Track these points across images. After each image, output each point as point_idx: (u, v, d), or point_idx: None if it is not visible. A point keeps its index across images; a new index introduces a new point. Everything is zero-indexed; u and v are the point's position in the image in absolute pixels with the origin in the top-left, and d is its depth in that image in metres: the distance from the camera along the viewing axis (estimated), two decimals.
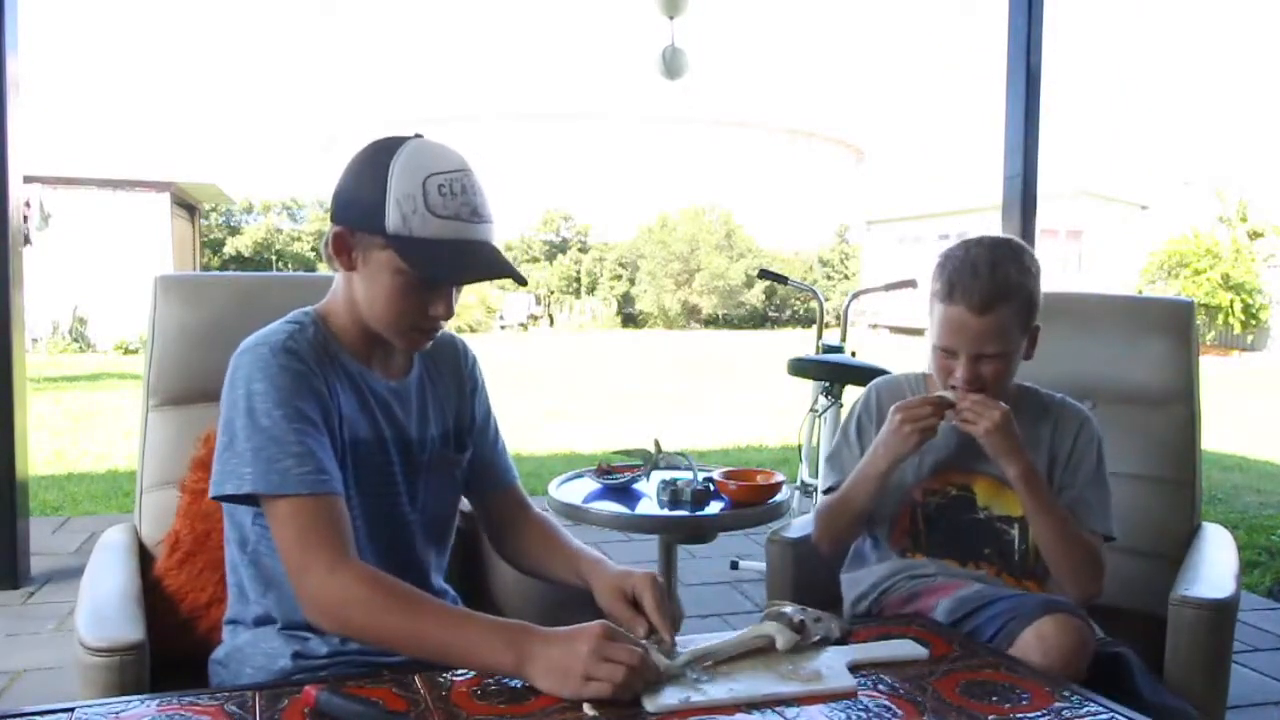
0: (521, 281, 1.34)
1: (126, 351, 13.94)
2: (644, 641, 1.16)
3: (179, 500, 1.65)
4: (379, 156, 1.25)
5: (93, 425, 7.47)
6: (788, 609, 1.24)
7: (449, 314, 1.32)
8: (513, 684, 1.10)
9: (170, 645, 1.48)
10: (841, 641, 1.25)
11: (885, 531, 1.71)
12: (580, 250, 25.67)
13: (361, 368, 1.35)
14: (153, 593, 1.57)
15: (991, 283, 1.54)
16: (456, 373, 1.50)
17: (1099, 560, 1.59)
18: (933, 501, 1.67)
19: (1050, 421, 1.68)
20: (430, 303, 1.29)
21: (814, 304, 4.30)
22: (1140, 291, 18.29)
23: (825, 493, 1.77)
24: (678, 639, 1.23)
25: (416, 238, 1.23)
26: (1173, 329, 2.09)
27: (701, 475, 2.32)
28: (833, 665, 1.17)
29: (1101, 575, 1.59)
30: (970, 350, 1.57)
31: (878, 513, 1.69)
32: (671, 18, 5.66)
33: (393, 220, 1.22)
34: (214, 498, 1.25)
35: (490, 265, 1.28)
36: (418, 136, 1.29)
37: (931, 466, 1.68)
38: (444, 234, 1.23)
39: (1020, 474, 1.55)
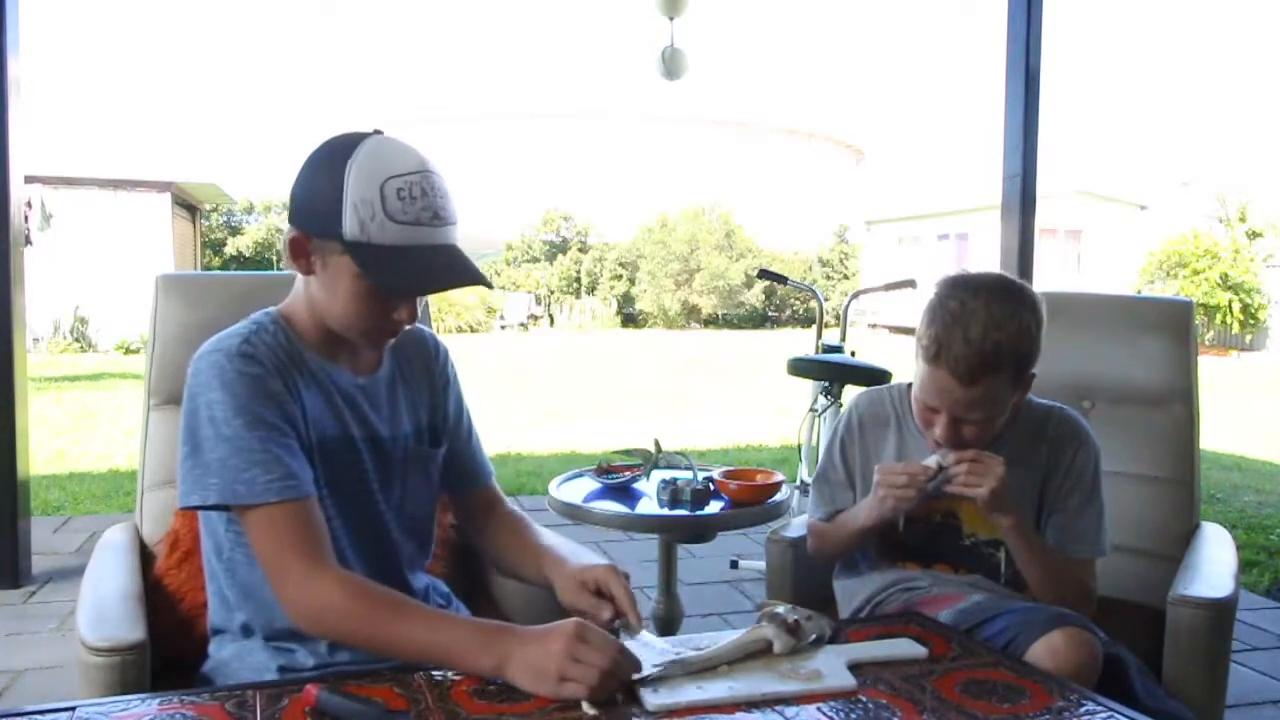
0: (488, 286, 1.31)
1: (127, 351, 13.95)
2: (616, 624, 1.20)
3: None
4: (335, 157, 1.21)
5: (94, 425, 7.47)
6: (780, 609, 1.24)
7: (413, 318, 1.29)
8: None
9: (170, 644, 1.48)
10: (834, 640, 1.25)
11: (873, 548, 1.70)
12: (580, 250, 25.67)
13: (327, 365, 1.33)
14: (153, 592, 1.57)
15: (981, 354, 1.43)
16: (428, 369, 1.48)
17: (1088, 591, 1.58)
18: (918, 528, 1.64)
19: (1045, 439, 1.62)
20: (393, 308, 1.27)
21: (814, 304, 4.30)
22: (1139, 291, 18.30)
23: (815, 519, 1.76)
24: (677, 638, 1.24)
25: (375, 245, 1.19)
26: (1171, 329, 2.09)
27: (701, 475, 2.32)
28: (832, 664, 1.17)
29: (1091, 603, 1.57)
30: (953, 414, 1.50)
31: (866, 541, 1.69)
32: (671, 18, 5.67)
33: (350, 227, 1.19)
34: (182, 509, 1.24)
35: (454, 273, 1.23)
36: (377, 133, 1.24)
37: None
38: (404, 240, 1.19)
39: (1013, 525, 1.51)
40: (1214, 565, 1.78)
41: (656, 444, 2.50)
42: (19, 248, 3.56)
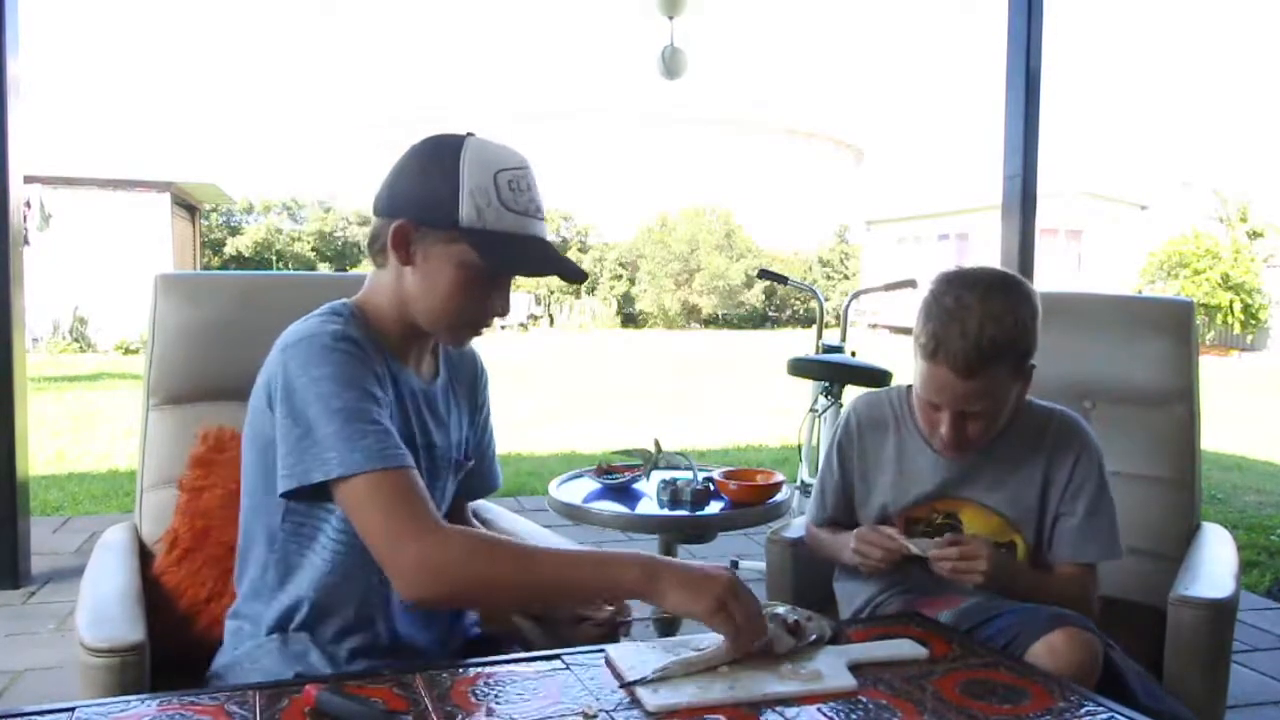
0: (584, 278, 1.36)
1: (127, 351, 13.94)
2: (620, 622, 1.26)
3: (178, 498, 1.65)
4: (444, 152, 1.27)
5: (93, 425, 7.47)
6: (781, 609, 1.24)
7: (506, 310, 1.33)
8: (512, 684, 1.10)
9: (170, 642, 1.48)
10: (835, 640, 1.25)
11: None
12: (580, 250, 25.65)
13: (399, 364, 1.36)
14: (152, 590, 1.57)
15: (978, 348, 1.44)
16: (472, 388, 1.52)
17: (1088, 603, 1.58)
18: (918, 529, 1.64)
19: (1046, 444, 1.62)
20: (491, 297, 1.31)
21: (814, 304, 4.30)
22: (1140, 291, 18.30)
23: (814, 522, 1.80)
24: (677, 639, 1.24)
25: (491, 231, 1.25)
26: (1172, 329, 2.09)
27: (701, 475, 2.32)
28: (833, 665, 1.17)
29: (1091, 611, 1.57)
30: (955, 408, 1.51)
31: None
32: (671, 18, 5.67)
33: (467, 213, 1.24)
34: (287, 493, 1.20)
35: (560, 260, 1.30)
36: (470, 135, 1.30)
37: (915, 498, 1.65)
38: (516, 228, 1.26)
39: (1015, 593, 1.53)
40: (1215, 565, 1.78)
41: (656, 444, 2.50)
42: (18, 247, 3.56)
